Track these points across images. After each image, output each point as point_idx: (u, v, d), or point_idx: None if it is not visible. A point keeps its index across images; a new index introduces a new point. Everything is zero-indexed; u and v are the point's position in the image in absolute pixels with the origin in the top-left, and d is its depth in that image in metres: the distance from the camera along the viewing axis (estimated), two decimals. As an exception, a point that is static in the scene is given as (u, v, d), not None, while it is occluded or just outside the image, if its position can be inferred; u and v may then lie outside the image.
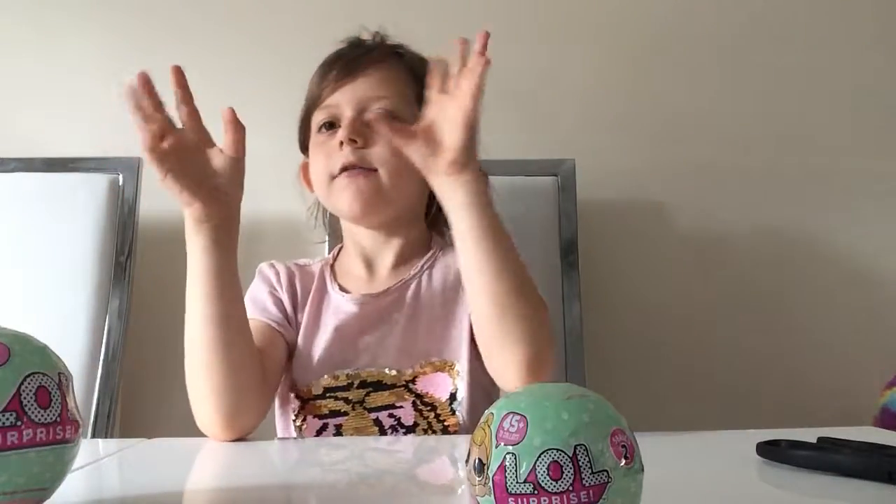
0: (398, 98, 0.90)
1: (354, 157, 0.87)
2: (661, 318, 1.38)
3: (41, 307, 1.17)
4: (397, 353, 0.87)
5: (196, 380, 0.77)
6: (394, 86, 0.90)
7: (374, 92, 0.89)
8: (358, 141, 0.87)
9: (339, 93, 0.90)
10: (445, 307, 0.90)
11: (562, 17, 1.41)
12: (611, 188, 1.38)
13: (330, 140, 0.90)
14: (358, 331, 0.89)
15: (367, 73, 0.90)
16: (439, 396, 0.86)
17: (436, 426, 0.86)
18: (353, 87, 0.89)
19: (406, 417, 0.86)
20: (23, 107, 1.38)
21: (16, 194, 1.23)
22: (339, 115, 0.89)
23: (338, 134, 0.88)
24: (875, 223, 1.41)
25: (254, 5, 1.40)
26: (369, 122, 0.87)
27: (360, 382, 0.87)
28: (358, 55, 0.92)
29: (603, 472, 0.36)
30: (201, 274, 0.75)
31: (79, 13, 1.40)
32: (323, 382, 0.87)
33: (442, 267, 0.92)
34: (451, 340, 0.88)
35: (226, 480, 0.67)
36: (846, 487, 0.54)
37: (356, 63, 0.90)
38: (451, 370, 0.87)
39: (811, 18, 1.43)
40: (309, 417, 0.87)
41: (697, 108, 1.41)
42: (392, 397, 0.86)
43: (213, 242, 0.75)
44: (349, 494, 0.59)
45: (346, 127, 0.87)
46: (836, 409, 1.35)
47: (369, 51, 0.93)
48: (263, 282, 0.95)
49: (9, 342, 0.44)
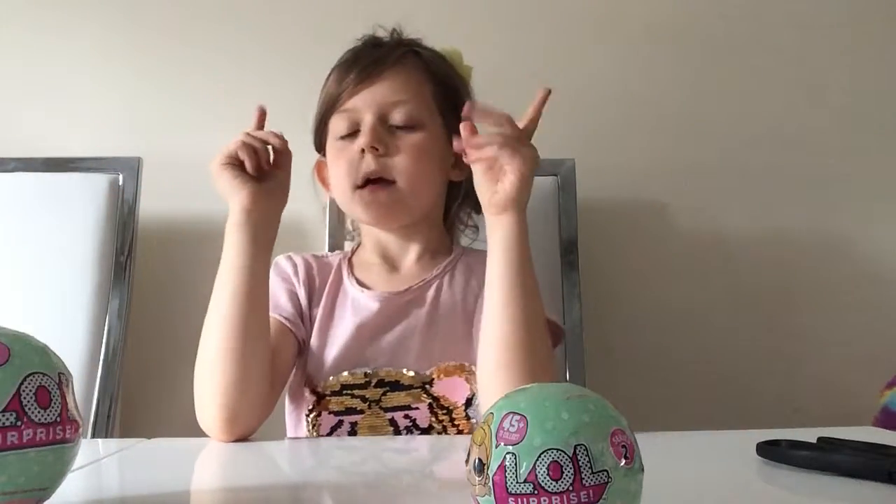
0: (418, 101, 0.89)
1: (376, 165, 0.87)
2: (661, 318, 1.38)
3: (41, 307, 1.17)
4: (416, 354, 0.87)
5: (205, 374, 0.77)
6: (413, 88, 0.90)
7: (394, 96, 0.88)
8: (379, 149, 0.87)
9: (359, 97, 0.89)
10: (466, 310, 0.90)
11: (562, 17, 1.41)
12: (611, 188, 1.38)
13: (349, 144, 0.89)
14: (378, 329, 0.88)
15: (387, 77, 0.89)
16: (455, 400, 0.86)
17: (450, 430, 0.86)
18: (373, 91, 0.89)
19: (422, 419, 0.85)
20: (23, 107, 1.38)
21: (16, 194, 1.23)
22: (359, 119, 0.89)
23: (358, 140, 0.88)
24: (875, 223, 1.41)
25: (254, 5, 1.40)
26: (390, 128, 0.88)
27: (378, 381, 0.87)
28: (377, 57, 0.91)
29: (603, 472, 0.36)
30: (234, 271, 0.77)
31: (79, 13, 1.40)
32: (341, 379, 0.87)
33: (464, 270, 0.93)
34: (470, 344, 0.87)
35: (226, 480, 0.67)
36: (846, 487, 0.54)
37: (375, 66, 0.89)
38: (469, 374, 0.86)
39: (811, 18, 1.43)
40: (324, 413, 0.87)
41: (697, 108, 1.41)
42: (409, 398, 0.86)
43: (252, 239, 0.77)
44: (354, 494, 0.59)
45: (366, 133, 0.87)
46: (836, 409, 1.35)
47: (388, 52, 0.91)
48: (279, 275, 0.93)
49: (9, 342, 0.44)
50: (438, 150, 0.90)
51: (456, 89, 0.94)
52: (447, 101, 0.92)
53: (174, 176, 1.34)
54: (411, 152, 0.87)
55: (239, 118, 1.38)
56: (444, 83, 0.93)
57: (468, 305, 0.90)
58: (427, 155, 0.88)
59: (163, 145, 1.36)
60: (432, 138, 0.89)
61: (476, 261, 0.92)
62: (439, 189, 0.94)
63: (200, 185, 1.38)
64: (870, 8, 1.43)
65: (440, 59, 0.94)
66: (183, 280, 1.35)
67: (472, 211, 1.00)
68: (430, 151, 0.89)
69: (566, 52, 1.41)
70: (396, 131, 0.88)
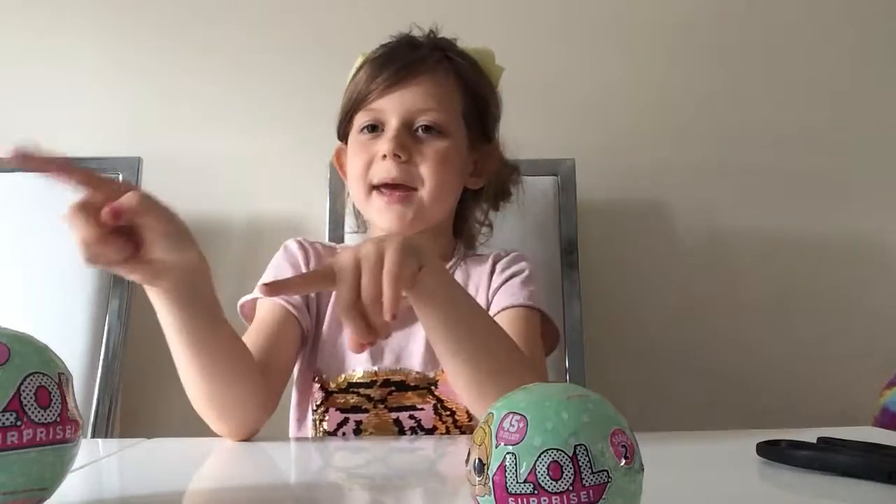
0: (445, 111, 0.89)
1: (397, 172, 0.87)
2: (661, 318, 1.38)
3: (41, 307, 1.17)
4: (421, 355, 0.88)
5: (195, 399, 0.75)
6: (442, 96, 0.89)
7: (422, 104, 0.88)
8: (402, 156, 0.86)
9: (387, 99, 0.88)
10: None
11: (562, 17, 1.41)
12: (611, 188, 1.38)
13: (372, 144, 0.89)
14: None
15: (417, 83, 0.88)
16: (459, 402, 0.86)
17: (454, 431, 0.86)
18: (402, 96, 0.88)
19: (426, 420, 0.86)
20: (23, 107, 1.38)
21: (16, 194, 1.23)
22: (384, 120, 0.88)
23: (381, 141, 0.88)
24: (875, 223, 1.41)
25: (254, 5, 1.40)
26: (414, 133, 0.87)
27: (384, 381, 0.87)
28: (410, 61, 0.89)
29: (603, 472, 0.36)
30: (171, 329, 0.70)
31: (79, 13, 1.40)
32: (348, 377, 0.88)
33: (462, 275, 0.94)
34: None
35: (226, 480, 0.66)
36: (846, 487, 0.54)
37: (407, 70, 0.89)
38: None
39: (811, 18, 1.43)
40: (331, 409, 0.87)
41: (697, 108, 1.41)
42: (414, 399, 0.87)
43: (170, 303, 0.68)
44: (354, 494, 0.59)
45: (391, 140, 0.86)
46: (836, 409, 1.35)
47: (422, 57, 0.90)
48: (288, 260, 0.93)
49: (9, 342, 0.44)
50: (460, 159, 0.91)
51: (485, 99, 0.94)
52: (474, 110, 0.92)
53: (174, 176, 1.34)
54: (434, 161, 0.87)
55: (239, 118, 1.39)
56: (474, 93, 0.93)
57: None
58: (449, 164, 0.88)
59: (163, 145, 1.36)
60: (455, 147, 0.89)
61: (473, 264, 0.94)
62: (456, 197, 0.94)
63: (200, 185, 1.39)
64: (870, 8, 1.43)
65: (473, 67, 0.94)
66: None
67: (489, 208, 1.00)
68: (453, 160, 0.89)
69: (566, 53, 1.41)
70: (421, 137, 0.88)
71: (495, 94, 0.97)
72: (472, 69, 0.94)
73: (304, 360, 0.91)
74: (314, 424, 0.88)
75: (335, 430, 0.87)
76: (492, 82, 0.97)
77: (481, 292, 0.91)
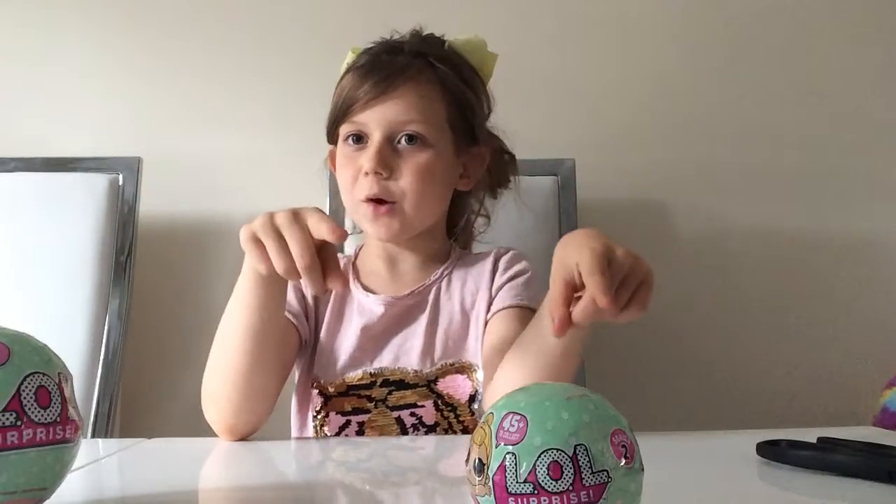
0: (427, 121, 0.88)
1: (378, 188, 0.87)
2: (661, 318, 1.37)
3: (41, 307, 1.17)
4: (419, 353, 0.89)
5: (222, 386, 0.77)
6: (425, 107, 0.89)
7: (404, 115, 0.87)
8: (383, 173, 0.87)
9: (369, 112, 0.88)
10: (463, 312, 0.92)
11: (562, 17, 1.41)
12: (611, 188, 1.38)
13: (357, 156, 0.89)
14: (383, 331, 0.91)
15: (399, 94, 0.88)
16: (459, 398, 0.88)
17: (455, 427, 0.87)
18: (384, 108, 0.88)
19: (427, 417, 0.87)
20: (23, 107, 1.38)
21: (16, 194, 1.23)
22: (368, 133, 0.89)
23: (363, 157, 0.87)
24: (875, 223, 1.41)
25: (255, 5, 1.40)
26: (397, 145, 0.87)
27: (383, 381, 0.88)
28: (391, 72, 0.89)
29: (603, 472, 0.36)
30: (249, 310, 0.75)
31: (79, 13, 1.40)
32: (347, 380, 0.88)
33: (460, 275, 0.94)
34: (469, 344, 0.90)
35: (226, 480, 0.66)
36: (846, 487, 0.54)
37: (388, 82, 0.88)
38: (472, 372, 0.89)
39: (811, 18, 1.43)
40: (332, 414, 0.88)
41: (697, 108, 1.41)
42: (414, 396, 0.88)
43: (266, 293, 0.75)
44: (355, 494, 0.59)
45: (371, 158, 0.86)
46: (836, 409, 1.35)
47: (402, 67, 0.89)
48: None
49: (9, 342, 0.44)
50: (445, 168, 0.91)
51: (470, 103, 0.93)
52: (459, 115, 0.92)
53: (174, 176, 1.34)
54: (415, 174, 0.87)
55: (239, 118, 1.39)
56: (458, 99, 0.92)
57: (466, 305, 0.92)
58: (431, 175, 0.88)
59: (163, 145, 1.36)
60: (439, 157, 0.89)
61: (471, 263, 0.95)
62: (444, 204, 0.94)
63: (200, 185, 1.39)
64: (870, 8, 1.43)
65: (457, 70, 0.93)
66: (183, 280, 1.35)
67: (485, 195, 1.00)
68: (435, 171, 0.89)
69: (566, 53, 1.41)
70: (402, 150, 0.88)
71: (484, 92, 0.96)
72: (456, 74, 0.92)
73: (303, 369, 0.92)
74: (315, 430, 0.89)
75: (337, 434, 0.87)
76: (481, 78, 0.96)
77: (482, 290, 0.92)
